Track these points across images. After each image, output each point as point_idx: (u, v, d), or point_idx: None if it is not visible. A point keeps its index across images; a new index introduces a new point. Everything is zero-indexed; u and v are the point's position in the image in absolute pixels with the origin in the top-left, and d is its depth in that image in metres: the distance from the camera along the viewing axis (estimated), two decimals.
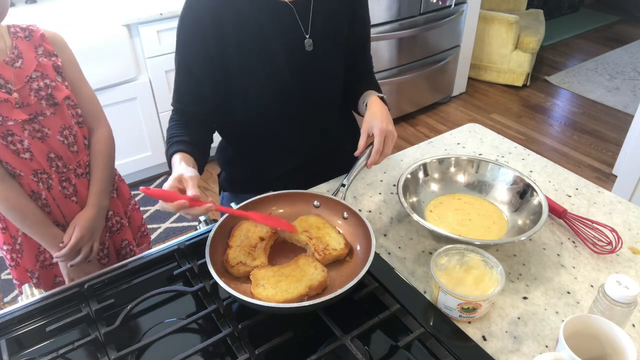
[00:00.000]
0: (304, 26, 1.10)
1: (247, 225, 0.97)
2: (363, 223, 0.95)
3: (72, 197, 1.19)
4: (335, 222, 1.01)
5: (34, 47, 1.09)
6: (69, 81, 1.14)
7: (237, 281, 0.89)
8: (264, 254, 0.93)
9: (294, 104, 1.17)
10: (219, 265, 0.89)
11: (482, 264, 0.88)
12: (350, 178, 1.06)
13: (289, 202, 1.04)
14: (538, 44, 3.66)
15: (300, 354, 0.78)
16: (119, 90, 2.40)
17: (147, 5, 2.40)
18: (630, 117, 2.99)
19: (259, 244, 0.94)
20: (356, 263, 0.93)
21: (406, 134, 3.29)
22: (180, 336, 0.86)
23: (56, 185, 1.15)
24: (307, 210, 1.03)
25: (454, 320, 0.86)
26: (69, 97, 1.13)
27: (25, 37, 1.09)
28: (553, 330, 0.85)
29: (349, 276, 0.87)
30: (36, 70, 1.07)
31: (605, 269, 0.97)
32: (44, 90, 1.08)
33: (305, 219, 1.00)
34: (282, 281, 0.86)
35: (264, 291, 0.84)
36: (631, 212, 1.12)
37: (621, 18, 5.27)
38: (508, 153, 1.34)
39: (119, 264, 0.99)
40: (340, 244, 0.94)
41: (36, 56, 1.09)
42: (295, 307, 0.79)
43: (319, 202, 1.03)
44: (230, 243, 0.94)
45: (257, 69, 1.09)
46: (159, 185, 2.74)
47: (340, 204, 1.01)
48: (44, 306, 0.90)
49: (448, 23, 3.18)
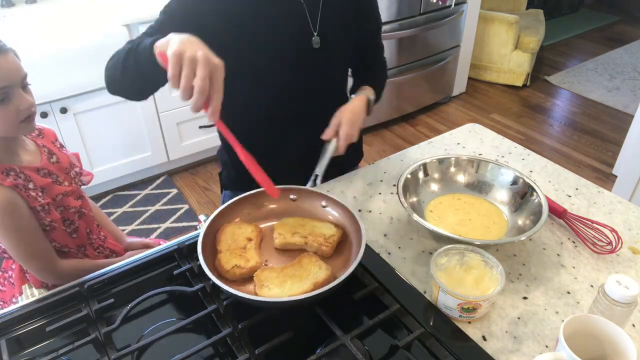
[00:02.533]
0: (313, 23, 1.11)
1: (230, 228, 0.97)
2: (344, 207, 0.98)
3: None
4: (316, 212, 1.03)
5: (51, 142, 1.19)
6: None
7: (235, 284, 0.88)
8: (257, 253, 0.93)
9: (296, 100, 1.18)
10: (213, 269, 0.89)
11: (482, 264, 0.88)
12: (322, 167, 1.09)
13: (270, 198, 1.03)
14: (538, 44, 3.65)
15: (300, 354, 0.78)
16: None
17: (147, 5, 2.40)
18: (630, 117, 2.99)
19: (248, 244, 0.94)
20: (350, 249, 0.94)
21: (406, 134, 3.29)
22: (180, 336, 0.86)
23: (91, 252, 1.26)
24: (287, 204, 1.05)
25: (454, 320, 0.86)
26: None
27: (38, 136, 1.17)
28: (553, 330, 0.85)
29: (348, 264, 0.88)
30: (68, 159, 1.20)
31: (605, 269, 0.97)
32: (77, 177, 1.20)
33: (284, 222, 1.00)
34: (287, 281, 0.86)
35: (269, 292, 0.84)
36: (631, 212, 1.12)
37: (621, 18, 5.27)
38: (508, 153, 1.34)
39: (119, 264, 0.99)
40: (332, 228, 0.97)
41: (58, 148, 1.19)
42: (304, 298, 0.79)
43: (296, 195, 1.05)
44: (219, 248, 0.93)
45: (262, 63, 1.10)
46: (159, 185, 2.74)
47: (317, 193, 1.03)
48: (44, 306, 0.90)
49: (448, 23, 3.18)
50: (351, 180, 1.25)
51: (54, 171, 1.13)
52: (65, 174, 1.17)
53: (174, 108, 2.61)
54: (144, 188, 2.72)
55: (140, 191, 2.70)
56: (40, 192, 1.07)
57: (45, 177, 1.10)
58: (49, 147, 1.16)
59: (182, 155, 2.79)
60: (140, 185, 2.74)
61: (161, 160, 2.73)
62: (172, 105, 2.60)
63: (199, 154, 2.88)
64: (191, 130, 2.73)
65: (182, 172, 2.87)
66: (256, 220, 1.02)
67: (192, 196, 2.67)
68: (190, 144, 2.78)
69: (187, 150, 2.78)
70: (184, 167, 2.89)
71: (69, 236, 1.17)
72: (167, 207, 2.58)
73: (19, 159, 1.08)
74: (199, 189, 2.73)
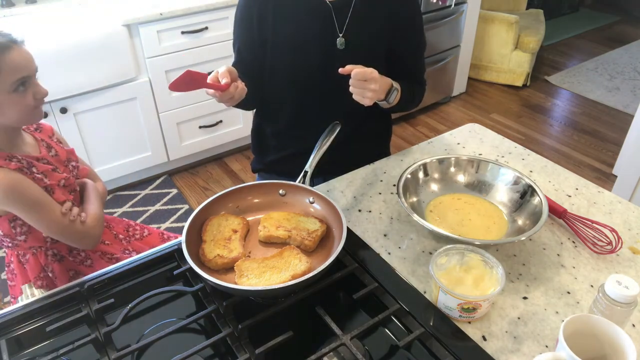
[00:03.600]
0: (339, 25, 1.18)
1: (217, 220, 0.99)
2: (329, 203, 0.99)
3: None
4: (302, 207, 1.05)
5: (48, 136, 1.20)
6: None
7: (217, 273, 0.90)
8: (241, 245, 0.95)
9: (317, 99, 1.26)
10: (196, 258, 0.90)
11: (482, 264, 0.88)
12: (312, 164, 1.09)
13: (260, 193, 1.07)
14: (538, 44, 3.65)
15: (300, 354, 0.78)
16: (119, 90, 2.40)
17: (147, 5, 2.40)
18: (630, 117, 2.99)
19: (233, 235, 0.96)
20: (333, 244, 0.96)
21: (406, 134, 3.29)
22: (180, 336, 0.86)
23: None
24: (276, 199, 1.07)
25: (454, 320, 0.86)
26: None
27: (36, 130, 1.19)
28: (553, 330, 0.85)
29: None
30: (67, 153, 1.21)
31: (605, 269, 0.97)
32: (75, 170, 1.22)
33: (269, 216, 1.01)
34: (267, 272, 0.88)
35: (248, 281, 0.86)
36: (631, 212, 1.12)
37: (621, 18, 5.27)
38: (508, 153, 1.34)
39: (119, 264, 0.99)
40: (317, 224, 0.98)
41: (55, 142, 1.20)
42: (275, 288, 0.81)
43: (284, 190, 1.07)
44: (204, 238, 0.95)
45: (287, 58, 1.20)
46: (159, 185, 2.74)
47: (305, 189, 1.05)
48: (44, 306, 0.90)
49: (448, 23, 3.18)
50: (351, 180, 1.25)
51: (53, 162, 1.14)
52: (64, 166, 1.18)
53: (174, 108, 2.61)
54: (144, 188, 2.72)
55: (140, 191, 2.70)
56: (43, 177, 1.09)
57: (46, 164, 1.12)
58: (47, 141, 1.18)
59: (182, 155, 2.79)
60: (140, 185, 2.74)
61: (161, 160, 2.73)
62: (172, 105, 2.60)
63: (199, 154, 2.88)
64: (191, 130, 2.73)
65: (182, 172, 2.87)
66: (243, 213, 1.04)
67: (192, 196, 2.67)
68: (190, 144, 2.78)
69: (187, 150, 2.78)
70: (184, 167, 2.89)
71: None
72: (167, 207, 2.58)
73: (20, 149, 1.10)
74: (199, 189, 2.73)
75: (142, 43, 2.37)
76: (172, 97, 2.57)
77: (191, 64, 2.53)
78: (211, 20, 2.50)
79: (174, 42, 2.45)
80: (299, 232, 0.96)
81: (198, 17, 2.45)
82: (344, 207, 1.15)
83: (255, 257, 0.93)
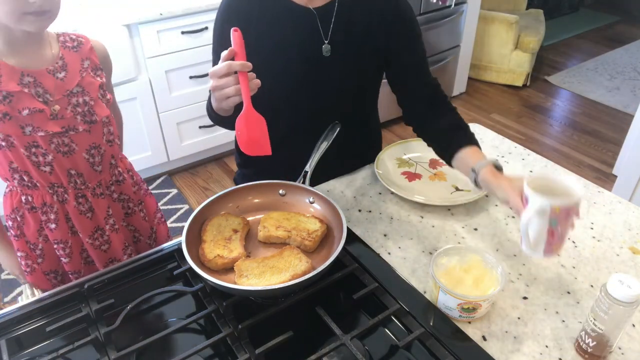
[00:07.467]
0: (324, 32, 1.13)
1: (217, 220, 0.99)
2: (329, 203, 0.99)
3: (87, 214, 1.15)
4: (302, 207, 1.05)
5: (81, 59, 1.07)
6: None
7: (217, 273, 0.90)
8: (241, 245, 0.95)
9: (304, 105, 1.20)
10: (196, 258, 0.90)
11: (482, 264, 0.88)
12: (311, 164, 1.09)
13: (260, 193, 1.07)
14: (538, 44, 3.65)
15: (300, 354, 0.78)
16: (119, 90, 2.39)
17: (147, 5, 2.40)
18: (630, 117, 2.98)
19: (233, 235, 0.96)
20: (333, 244, 0.95)
21: (406, 134, 3.29)
22: (180, 336, 0.86)
23: (71, 200, 1.12)
24: (276, 199, 1.07)
25: (454, 320, 0.86)
26: (108, 116, 1.11)
27: (73, 48, 1.07)
28: (553, 330, 0.85)
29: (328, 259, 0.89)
30: (79, 85, 1.05)
31: (605, 269, 0.97)
32: (81, 107, 1.06)
33: (269, 216, 1.01)
34: (267, 272, 0.87)
35: (248, 281, 0.86)
36: (631, 212, 1.12)
37: (621, 18, 5.27)
38: (508, 153, 1.34)
39: (119, 264, 0.99)
40: (317, 224, 0.98)
41: (81, 70, 1.07)
42: (275, 288, 0.81)
43: (284, 190, 1.07)
44: (204, 238, 0.95)
45: (271, 67, 1.13)
46: (159, 185, 2.74)
47: (305, 189, 1.05)
48: (43, 306, 0.90)
49: (448, 23, 3.18)
50: (351, 180, 1.25)
51: (44, 83, 1.01)
52: (65, 95, 1.04)
53: (174, 108, 2.61)
54: None
55: None
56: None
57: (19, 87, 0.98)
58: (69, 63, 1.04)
59: (182, 155, 2.80)
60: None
61: (161, 160, 2.73)
62: (172, 105, 2.60)
63: (199, 154, 2.88)
64: (191, 130, 2.73)
65: (182, 172, 2.87)
66: (243, 213, 1.04)
67: (192, 196, 2.67)
68: (190, 144, 2.78)
69: (187, 150, 2.78)
70: (184, 167, 2.89)
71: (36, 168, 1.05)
72: (167, 207, 2.58)
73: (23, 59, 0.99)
74: (199, 189, 2.73)
75: (142, 43, 2.37)
76: (172, 97, 2.57)
77: (191, 64, 2.54)
78: (211, 20, 2.48)
79: (174, 42, 2.45)
80: (299, 232, 0.96)
81: (198, 17, 2.45)
82: (344, 207, 1.15)
83: (255, 257, 0.93)
